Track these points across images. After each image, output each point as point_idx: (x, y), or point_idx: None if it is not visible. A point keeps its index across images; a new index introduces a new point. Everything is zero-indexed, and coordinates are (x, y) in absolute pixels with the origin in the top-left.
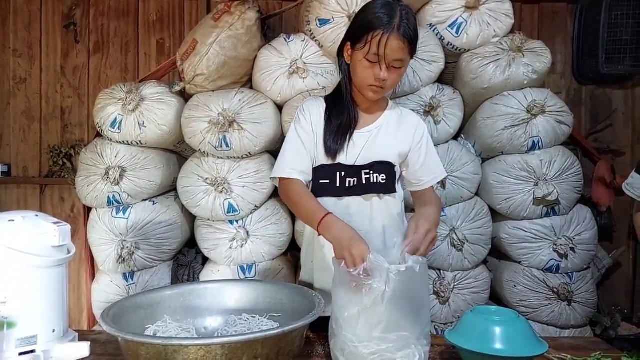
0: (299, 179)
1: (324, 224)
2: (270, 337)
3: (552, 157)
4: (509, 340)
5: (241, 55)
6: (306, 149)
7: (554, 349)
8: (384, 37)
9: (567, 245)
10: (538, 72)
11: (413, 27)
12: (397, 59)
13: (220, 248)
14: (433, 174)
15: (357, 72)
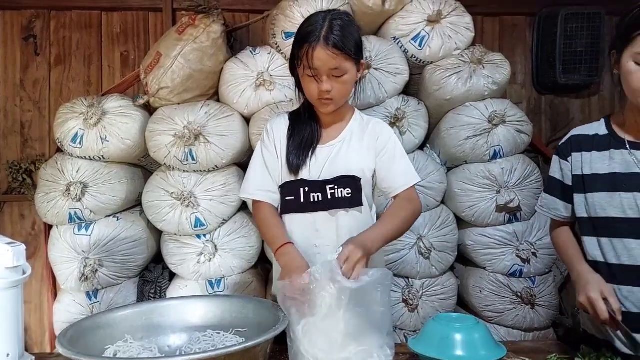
0: (265, 201)
1: (279, 252)
2: (233, 354)
3: (513, 165)
4: (469, 346)
5: (207, 68)
6: (269, 168)
7: (514, 352)
8: (311, 50)
9: (529, 250)
10: (498, 84)
11: (343, 32)
12: (332, 67)
13: (188, 263)
14: (403, 180)
15: (305, 89)
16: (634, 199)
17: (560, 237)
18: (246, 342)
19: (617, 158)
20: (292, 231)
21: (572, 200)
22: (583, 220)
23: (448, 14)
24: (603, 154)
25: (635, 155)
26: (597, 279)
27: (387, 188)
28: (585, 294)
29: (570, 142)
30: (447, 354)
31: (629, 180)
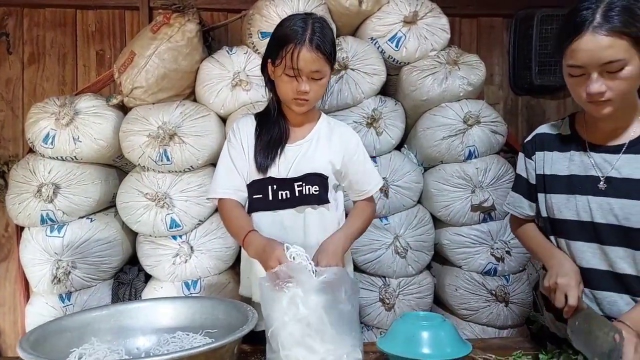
0: (232, 198)
1: (246, 243)
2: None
3: (488, 165)
4: (435, 343)
5: (182, 67)
6: (237, 167)
7: (483, 349)
8: (296, 49)
9: (503, 249)
10: (473, 85)
11: (328, 38)
12: (313, 70)
13: (163, 264)
14: (373, 183)
15: (280, 88)
16: (587, 202)
17: (527, 230)
18: (210, 343)
19: (576, 160)
20: (260, 229)
21: (537, 199)
22: (544, 220)
23: (424, 15)
24: (564, 155)
25: (593, 157)
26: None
27: (360, 190)
28: (554, 279)
29: (535, 140)
30: (413, 352)
31: (584, 183)
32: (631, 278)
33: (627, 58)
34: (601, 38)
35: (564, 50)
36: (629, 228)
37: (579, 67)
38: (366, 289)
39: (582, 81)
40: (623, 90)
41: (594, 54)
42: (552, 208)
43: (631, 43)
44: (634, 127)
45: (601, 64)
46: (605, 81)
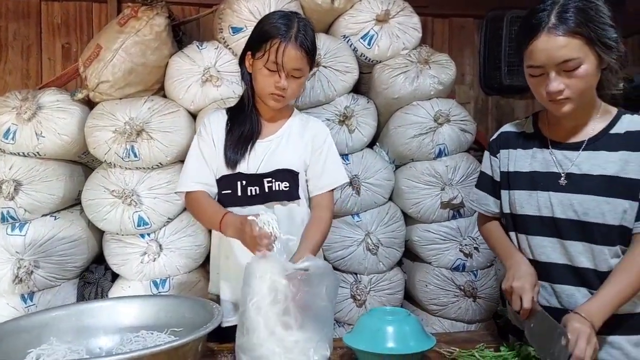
0: (202, 190)
1: (223, 225)
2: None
3: (457, 163)
4: (399, 338)
5: (150, 62)
6: (207, 161)
7: (448, 343)
8: (282, 45)
9: (471, 245)
10: (443, 84)
11: (310, 38)
12: (295, 68)
13: (131, 263)
14: (332, 179)
15: (258, 81)
16: (549, 197)
17: (491, 229)
18: (172, 341)
19: (538, 157)
20: None
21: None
22: (507, 216)
23: (396, 13)
24: (527, 152)
25: (554, 154)
26: (530, 272)
27: (315, 185)
28: (510, 282)
29: (499, 138)
30: (378, 347)
31: (546, 179)
32: (589, 272)
33: (582, 57)
34: (556, 38)
35: (523, 51)
36: (588, 223)
37: (537, 67)
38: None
39: (542, 81)
40: (580, 88)
41: (550, 54)
42: (514, 204)
43: (585, 42)
44: (593, 124)
45: (558, 63)
46: (563, 80)
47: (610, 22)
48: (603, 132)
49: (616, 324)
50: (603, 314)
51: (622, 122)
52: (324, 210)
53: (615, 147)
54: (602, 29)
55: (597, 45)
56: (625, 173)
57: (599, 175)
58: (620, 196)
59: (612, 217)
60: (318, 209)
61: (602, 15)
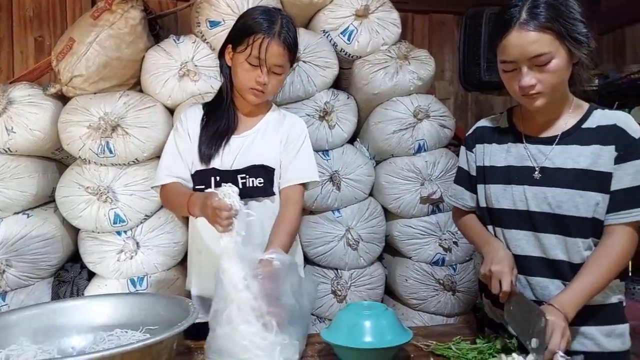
0: (174, 182)
1: (190, 205)
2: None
3: (436, 159)
4: (376, 332)
5: (125, 55)
6: (182, 156)
7: (425, 337)
8: (265, 41)
9: (450, 240)
10: (423, 79)
11: (293, 35)
12: (277, 64)
13: (107, 261)
14: (301, 172)
15: (238, 75)
16: (524, 191)
17: (467, 221)
18: (145, 339)
19: (513, 151)
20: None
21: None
22: (483, 210)
23: (376, 9)
24: (502, 147)
25: (529, 148)
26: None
27: (282, 179)
28: (489, 266)
29: (475, 133)
30: (355, 341)
31: (520, 173)
32: (562, 264)
33: (553, 51)
34: (527, 33)
35: (496, 47)
36: (561, 215)
37: (510, 63)
38: (318, 282)
39: (515, 76)
40: (552, 82)
41: (522, 49)
42: (490, 198)
43: (555, 37)
44: (565, 119)
45: (529, 57)
46: (535, 75)
47: (581, 18)
48: (575, 127)
49: (588, 314)
50: (576, 306)
51: (594, 116)
52: (291, 207)
53: (588, 142)
54: (572, 24)
55: (567, 40)
56: (597, 166)
57: (572, 168)
58: (593, 189)
59: (585, 209)
60: (285, 205)
61: (572, 10)
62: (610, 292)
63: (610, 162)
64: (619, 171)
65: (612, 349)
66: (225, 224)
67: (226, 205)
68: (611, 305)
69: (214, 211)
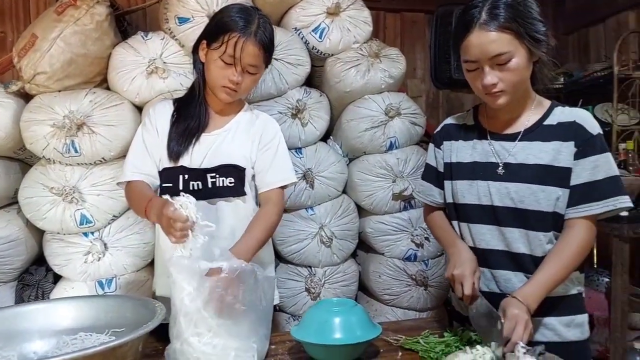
0: (140, 179)
1: (148, 209)
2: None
3: (408, 156)
4: (345, 328)
5: (91, 52)
6: (149, 152)
7: (395, 331)
8: (241, 40)
9: (422, 235)
10: (394, 77)
11: (269, 36)
12: (252, 64)
13: (74, 263)
14: (279, 175)
15: (211, 72)
16: (488, 187)
17: (435, 219)
18: (107, 342)
19: (478, 148)
20: None
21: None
22: (450, 205)
23: (347, 7)
24: (468, 144)
25: (493, 145)
26: (470, 258)
27: (262, 181)
28: (452, 270)
29: (442, 130)
30: (324, 338)
31: (485, 169)
32: (525, 257)
33: (512, 50)
34: (488, 33)
35: (459, 47)
36: (523, 210)
37: (472, 62)
38: (292, 280)
39: (478, 75)
40: (513, 81)
41: (483, 49)
42: (456, 194)
43: (515, 36)
44: (528, 116)
45: (490, 57)
46: (497, 73)
47: (539, 17)
48: (537, 124)
49: (550, 306)
50: (538, 297)
51: (555, 113)
52: (271, 207)
53: (549, 138)
54: (530, 23)
55: (526, 39)
56: (558, 162)
57: (534, 164)
58: (553, 184)
59: (546, 204)
60: (265, 205)
61: (530, 10)
62: (570, 283)
63: (570, 157)
64: (578, 166)
65: (572, 339)
66: (178, 236)
67: (182, 216)
68: (571, 297)
69: (169, 221)
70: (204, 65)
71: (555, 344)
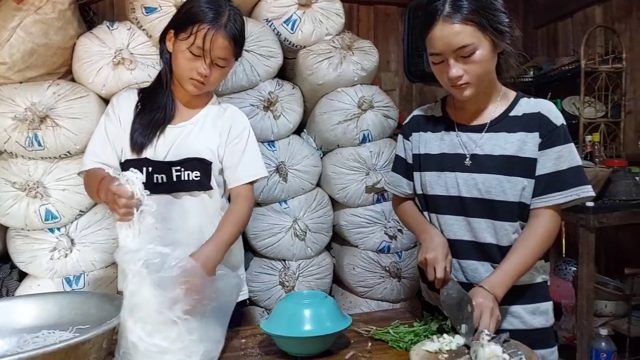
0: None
1: (100, 190)
2: (55, 352)
3: (380, 149)
4: (316, 320)
5: (54, 42)
6: (111, 142)
7: (366, 322)
8: (210, 32)
9: (395, 228)
10: (367, 70)
11: (240, 28)
12: (221, 57)
13: (40, 260)
14: (250, 171)
15: (179, 63)
16: (455, 177)
17: (405, 208)
18: (67, 339)
19: (446, 139)
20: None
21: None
22: (419, 196)
23: None
24: (436, 135)
25: (461, 136)
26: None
27: (231, 177)
28: (424, 254)
29: (411, 122)
30: (294, 330)
31: (453, 161)
32: (492, 247)
33: (476, 42)
34: (451, 26)
35: (425, 40)
36: (490, 200)
37: (437, 55)
38: (266, 273)
39: (443, 67)
40: (478, 72)
41: (446, 41)
42: (425, 185)
43: (478, 28)
44: (494, 107)
45: (454, 49)
46: (462, 66)
47: (502, 9)
48: (503, 115)
49: (516, 294)
50: (505, 286)
51: (520, 105)
52: (242, 202)
53: (514, 129)
54: (493, 15)
55: (489, 30)
56: (523, 153)
57: (500, 155)
58: (519, 174)
59: (511, 194)
60: (236, 200)
61: (493, 2)
62: (535, 272)
63: (535, 148)
64: (542, 157)
65: (537, 326)
66: (122, 213)
67: (126, 191)
68: (536, 285)
69: (113, 197)
70: (171, 55)
71: (521, 331)
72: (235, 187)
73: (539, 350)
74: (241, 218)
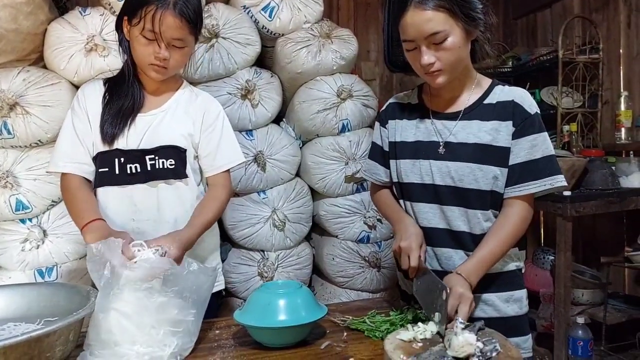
0: (74, 173)
1: (88, 228)
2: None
3: (360, 138)
4: (290, 310)
5: (24, 28)
6: (80, 139)
7: (343, 312)
8: (158, 12)
9: (374, 217)
10: (345, 59)
11: (193, 6)
12: (176, 37)
13: (11, 251)
14: (227, 159)
15: (136, 50)
16: (430, 166)
17: (381, 196)
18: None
19: (421, 127)
20: (107, 206)
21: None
22: (395, 185)
23: None
24: (411, 123)
25: (435, 124)
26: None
27: (209, 165)
28: (398, 243)
29: (387, 109)
30: (268, 321)
31: (427, 148)
32: (465, 235)
33: (447, 29)
34: (423, 12)
35: (399, 28)
36: (463, 189)
37: (410, 42)
38: (244, 264)
39: (416, 54)
40: (450, 59)
41: (418, 28)
42: (400, 173)
43: (450, 15)
44: (468, 95)
45: (426, 36)
46: (434, 53)
47: None
48: (477, 103)
49: (489, 282)
50: (479, 273)
51: (495, 92)
52: (220, 189)
53: (488, 117)
54: (466, 1)
55: (461, 17)
56: (496, 142)
57: (473, 143)
58: (492, 163)
59: (484, 183)
60: (213, 188)
61: None
62: (509, 259)
63: (509, 137)
64: (516, 146)
65: (511, 314)
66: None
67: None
68: (510, 273)
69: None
70: (129, 43)
71: (495, 319)
72: (212, 176)
73: (514, 338)
74: (219, 205)
